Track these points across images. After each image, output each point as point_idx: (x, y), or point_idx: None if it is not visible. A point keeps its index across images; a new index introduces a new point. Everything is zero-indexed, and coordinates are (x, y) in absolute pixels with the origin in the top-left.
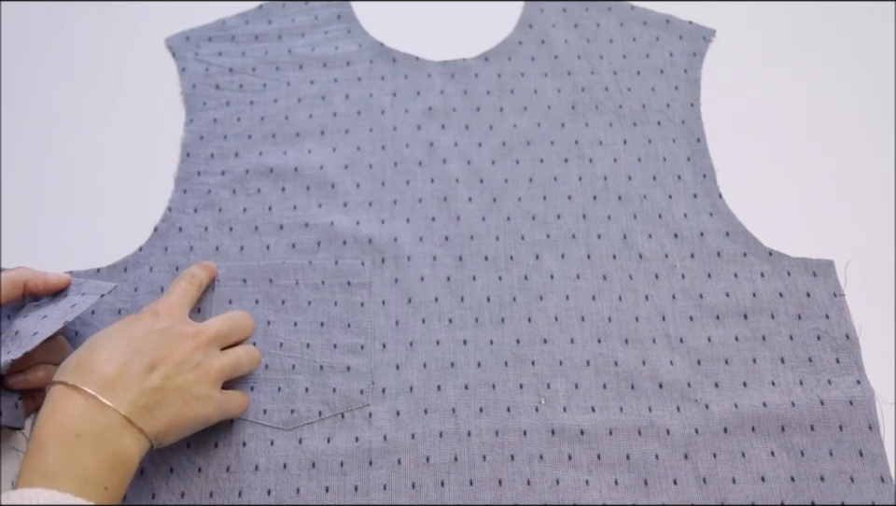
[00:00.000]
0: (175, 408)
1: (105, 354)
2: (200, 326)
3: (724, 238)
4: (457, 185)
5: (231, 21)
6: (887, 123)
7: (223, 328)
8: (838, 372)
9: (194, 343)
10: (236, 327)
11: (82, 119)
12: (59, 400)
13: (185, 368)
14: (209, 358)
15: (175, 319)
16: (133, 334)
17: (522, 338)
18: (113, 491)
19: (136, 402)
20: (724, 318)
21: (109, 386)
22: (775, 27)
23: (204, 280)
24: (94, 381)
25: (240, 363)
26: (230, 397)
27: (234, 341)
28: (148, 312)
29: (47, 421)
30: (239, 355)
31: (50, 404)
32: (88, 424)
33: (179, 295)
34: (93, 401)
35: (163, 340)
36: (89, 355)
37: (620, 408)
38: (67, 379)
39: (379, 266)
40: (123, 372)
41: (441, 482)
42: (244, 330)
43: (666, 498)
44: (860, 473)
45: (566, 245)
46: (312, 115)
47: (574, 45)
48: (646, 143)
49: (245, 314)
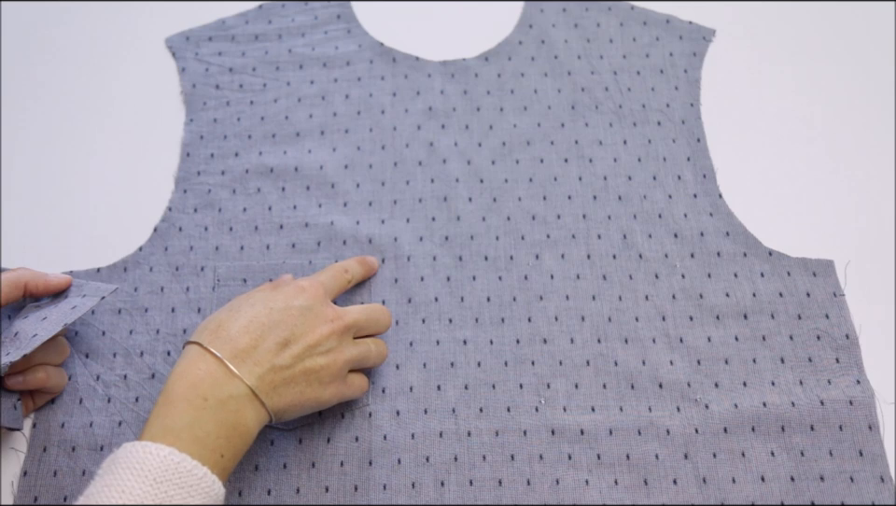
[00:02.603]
0: (298, 388)
1: (244, 322)
2: (339, 311)
3: (724, 238)
4: (457, 185)
5: (230, 20)
6: (887, 123)
7: (361, 317)
8: (838, 372)
9: (331, 327)
10: (374, 319)
11: (82, 119)
12: (191, 360)
13: (317, 351)
14: (341, 344)
15: (317, 300)
16: (275, 306)
17: (522, 338)
18: (228, 459)
19: (263, 377)
20: (724, 318)
21: (241, 355)
22: (775, 27)
23: (358, 276)
24: (228, 349)
25: (368, 356)
26: (350, 381)
27: (370, 332)
28: (295, 285)
29: (179, 377)
30: (369, 347)
31: (184, 362)
32: (215, 389)
33: (327, 279)
34: (224, 369)
35: (302, 318)
36: (229, 320)
37: (620, 408)
38: (204, 340)
39: (379, 266)
40: (257, 344)
41: (441, 482)
42: (380, 323)
43: (666, 499)
44: (860, 473)
45: (566, 245)
46: (312, 115)
47: (574, 45)
48: (646, 143)
49: (384, 308)
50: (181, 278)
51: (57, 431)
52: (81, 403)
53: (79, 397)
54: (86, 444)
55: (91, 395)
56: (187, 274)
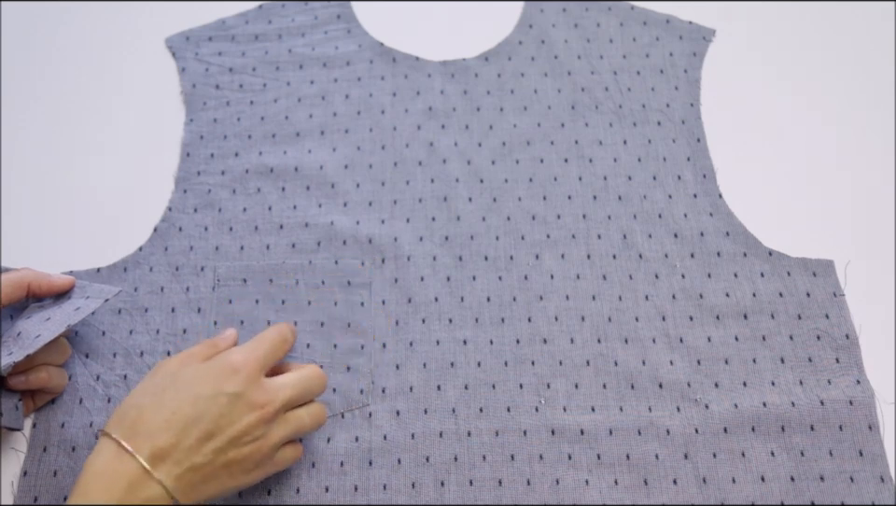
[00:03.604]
0: (219, 482)
1: (166, 415)
2: (272, 393)
3: (724, 238)
4: (457, 185)
5: (230, 20)
6: (887, 123)
7: (295, 393)
8: (838, 372)
9: (260, 415)
10: (308, 389)
11: (82, 119)
12: (110, 459)
13: (242, 441)
14: (270, 429)
15: (249, 383)
16: (201, 393)
17: (522, 338)
18: None
19: (182, 477)
20: (724, 318)
21: (161, 455)
22: (775, 27)
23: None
24: (147, 448)
25: (301, 429)
26: (278, 460)
27: (303, 402)
28: (228, 365)
29: (95, 480)
30: (302, 421)
31: (102, 458)
32: (131, 493)
33: (265, 352)
34: (141, 470)
35: (229, 408)
36: (150, 409)
37: (620, 408)
38: (123, 436)
39: (379, 266)
40: (179, 441)
41: (441, 482)
42: (314, 392)
43: (666, 499)
44: (860, 473)
45: (566, 245)
46: (312, 115)
47: (574, 45)
48: (646, 143)
49: (318, 370)
50: (181, 278)
51: (57, 431)
52: (81, 403)
53: (79, 397)
54: (86, 444)
55: (91, 395)
56: (187, 273)
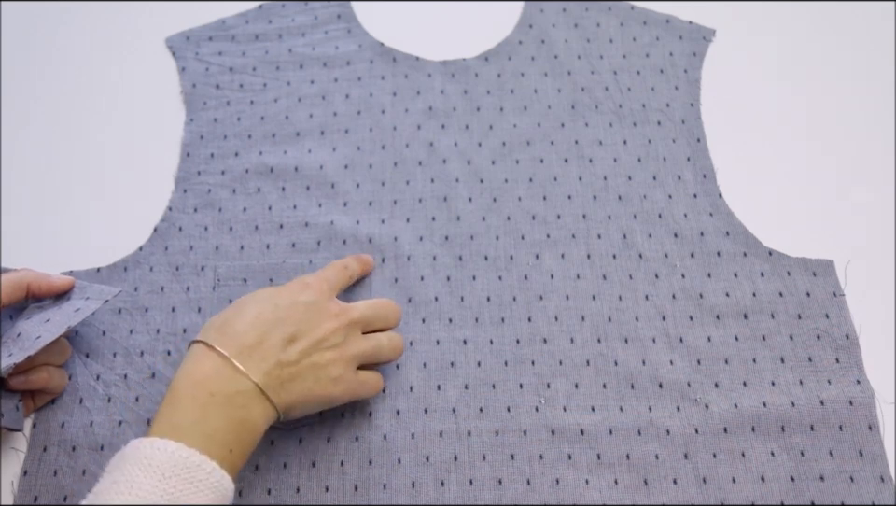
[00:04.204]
0: (307, 384)
1: (249, 319)
2: (345, 306)
3: (724, 238)
4: (457, 185)
5: (231, 20)
6: (887, 123)
7: (368, 312)
8: (838, 372)
9: (337, 322)
10: (382, 314)
11: (82, 119)
12: (197, 358)
13: (324, 346)
14: (349, 339)
15: (322, 295)
16: (280, 303)
17: (522, 338)
18: (237, 454)
19: (270, 373)
20: (724, 318)
21: (247, 352)
22: (775, 27)
23: (357, 273)
24: (233, 345)
25: (380, 350)
26: (363, 379)
27: (378, 327)
28: (298, 282)
29: (184, 376)
30: (380, 341)
31: (189, 360)
32: (221, 385)
33: (330, 275)
34: (229, 365)
35: (307, 314)
36: (233, 317)
37: (620, 408)
38: (209, 339)
39: (379, 266)
40: (263, 340)
41: (441, 481)
42: (389, 318)
43: (666, 498)
44: (860, 473)
45: (566, 244)
46: (312, 114)
47: (574, 45)
48: (646, 143)
49: (392, 302)
50: (181, 278)
51: (57, 431)
52: (81, 403)
53: (79, 397)
54: (86, 444)
55: (92, 395)
56: (187, 273)
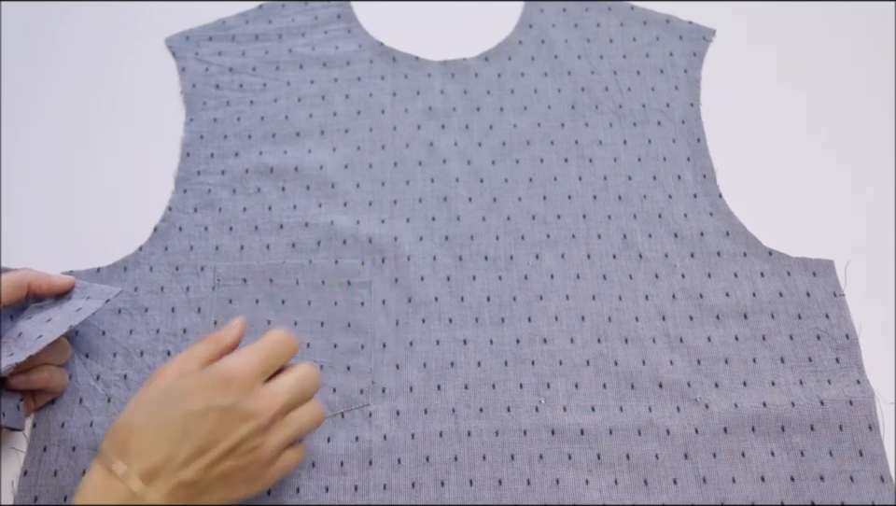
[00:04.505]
0: (217, 495)
1: (156, 434)
2: (266, 401)
3: (724, 238)
4: (457, 185)
5: (230, 20)
6: (887, 123)
7: (291, 398)
8: (838, 372)
9: (255, 424)
10: (304, 390)
11: (82, 119)
12: (99, 484)
13: (237, 453)
14: (269, 435)
15: (242, 393)
16: (193, 409)
17: (522, 338)
18: None
19: (174, 493)
20: (724, 318)
21: (153, 473)
22: (775, 27)
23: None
24: (140, 466)
25: (300, 431)
26: (284, 463)
27: (302, 403)
28: (221, 375)
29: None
30: (301, 423)
31: (90, 484)
32: None
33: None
34: (131, 493)
35: (221, 421)
36: (141, 427)
37: (620, 408)
38: (114, 457)
39: (379, 266)
40: (170, 458)
41: (441, 481)
42: (310, 391)
43: (666, 498)
44: (860, 473)
45: (566, 244)
46: (312, 114)
47: (574, 45)
48: (646, 143)
49: (312, 370)
50: (181, 278)
51: (57, 431)
52: (81, 403)
53: (79, 397)
54: (86, 444)
55: (91, 395)
56: (187, 273)
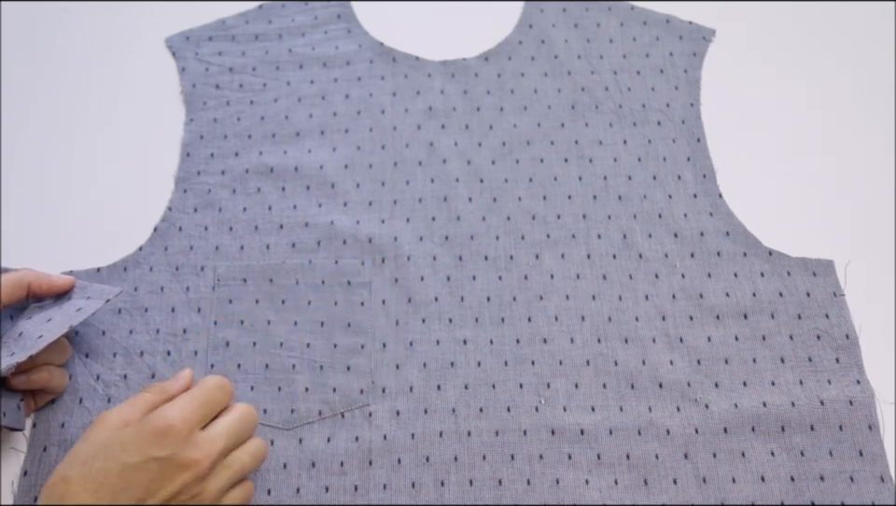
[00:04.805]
0: None
1: (93, 487)
2: (204, 449)
3: (724, 238)
4: (457, 185)
5: (230, 20)
6: (887, 123)
7: (230, 441)
8: (838, 372)
9: (194, 473)
10: (243, 430)
11: (82, 119)
12: None
13: (178, 500)
14: (210, 480)
15: (179, 443)
16: (129, 461)
17: (522, 338)
18: None
19: None
20: (724, 318)
21: None
22: (775, 27)
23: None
24: None
25: (243, 470)
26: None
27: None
28: (158, 427)
29: None
30: (243, 463)
31: None
32: None
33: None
34: None
35: (160, 472)
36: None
37: (620, 408)
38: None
39: (379, 266)
40: None
41: (441, 481)
42: (249, 429)
43: (666, 498)
44: (860, 473)
45: (566, 244)
46: (312, 114)
47: (574, 45)
48: (646, 143)
49: (249, 410)
50: (181, 278)
51: (57, 431)
52: (81, 403)
53: (79, 397)
54: None
55: (91, 395)
56: (187, 273)
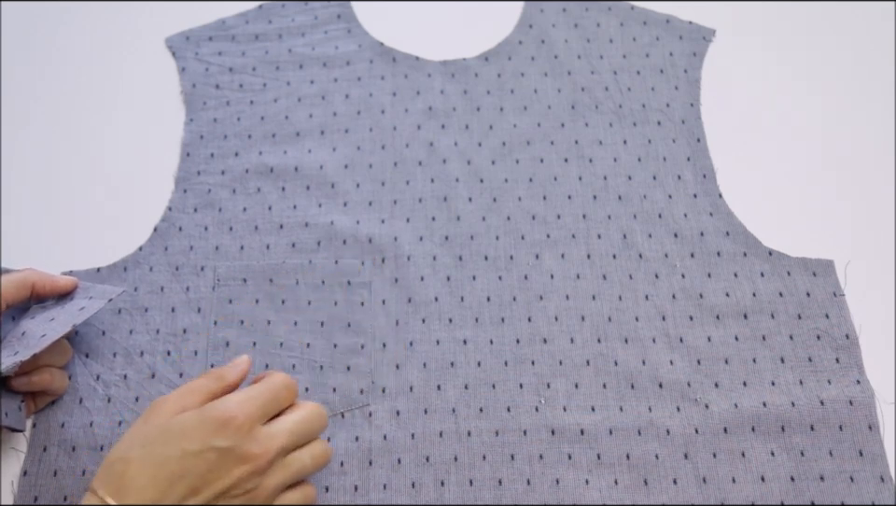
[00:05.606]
0: None
1: (151, 470)
2: (264, 444)
3: (724, 238)
4: (457, 185)
5: (230, 20)
6: (887, 123)
7: (292, 439)
8: (838, 372)
9: (252, 466)
10: (308, 431)
11: (82, 119)
12: None
13: (232, 494)
14: (267, 477)
15: (241, 435)
16: (189, 448)
17: (522, 338)
18: None
19: None
20: (724, 318)
21: None
22: (775, 27)
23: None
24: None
25: (302, 472)
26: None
27: (306, 442)
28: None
29: None
30: (303, 464)
31: None
32: None
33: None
34: None
35: (218, 462)
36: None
37: (620, 408)
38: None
39: (379, 266)
40: (162, 497)
41: (441, 481)
42: (315, 431)
43: (666, 498)
44: (860, 473)
45: (566, 244)
46: (312, 114)
47: (574, 45)
48: (646, 143)
49: (318, 410)
50: (181, 278)
51: (57, 431)
52: (81, 403)
53: (79, 397)
54: (86, 444)
55: (91, 395)
56: (187, 273)
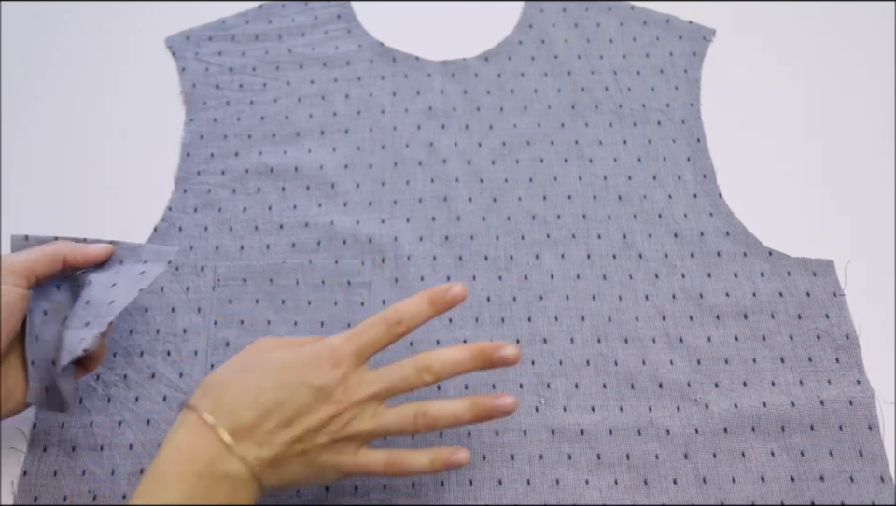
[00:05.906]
0: (295, 470)
1: (250, 395)
2: (353, 389)
3: (724, 238)
4: (457, 185)
5: (230, 20)
6: (887, 123)
7: (382, 388)
8: (838, 372)
9: (340, 406)
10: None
11: (82, 119)
12: (188, 431)
13: (320, 433)
14: (353, 421)
15: (334, 377)
16: (287, 381)
17: (522, 338)
18: None
19: (262, 457)
20: (724, 318)
21: (242, 432)
22: (775, 27)
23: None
24: (228, 422)
25: (384, 427)
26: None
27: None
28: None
29: (172, 449)
30: (387, 420)
31: (180, 431)
32: (211, 467)
33: (367, 343)
34: (221, 445)
35: (312, 398)
36: (233, 384)
37: (620, 408)
38: (203, 408)
39: (379, 266)
40: (260, 422)
41: (441, 482)
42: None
43: (666, 498)
44: (860, 473)
45: (566, 244)
46: (312, 114)
47: (574, 45)
48: (646, 143)
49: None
50: (181, 278)
51: (57, 431)
52: (81, 403)
53: (79, 397)
54: (86, 444)
55: (91, 395)
56: (187, 273)
